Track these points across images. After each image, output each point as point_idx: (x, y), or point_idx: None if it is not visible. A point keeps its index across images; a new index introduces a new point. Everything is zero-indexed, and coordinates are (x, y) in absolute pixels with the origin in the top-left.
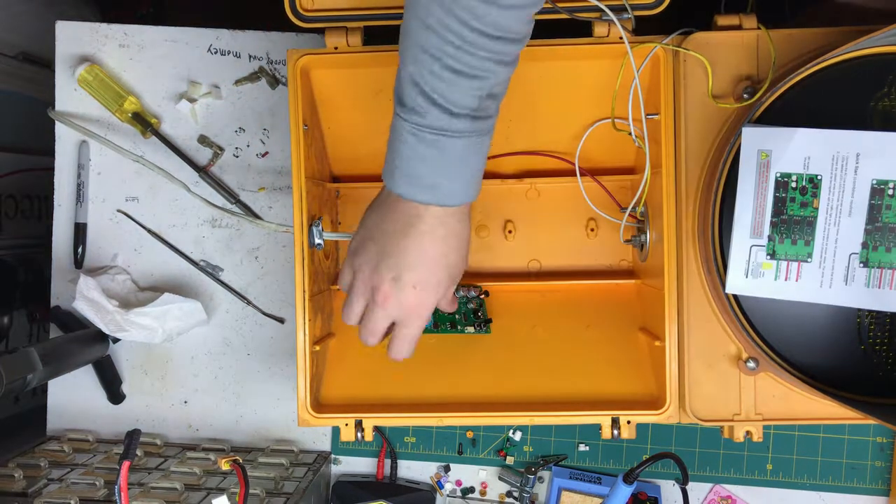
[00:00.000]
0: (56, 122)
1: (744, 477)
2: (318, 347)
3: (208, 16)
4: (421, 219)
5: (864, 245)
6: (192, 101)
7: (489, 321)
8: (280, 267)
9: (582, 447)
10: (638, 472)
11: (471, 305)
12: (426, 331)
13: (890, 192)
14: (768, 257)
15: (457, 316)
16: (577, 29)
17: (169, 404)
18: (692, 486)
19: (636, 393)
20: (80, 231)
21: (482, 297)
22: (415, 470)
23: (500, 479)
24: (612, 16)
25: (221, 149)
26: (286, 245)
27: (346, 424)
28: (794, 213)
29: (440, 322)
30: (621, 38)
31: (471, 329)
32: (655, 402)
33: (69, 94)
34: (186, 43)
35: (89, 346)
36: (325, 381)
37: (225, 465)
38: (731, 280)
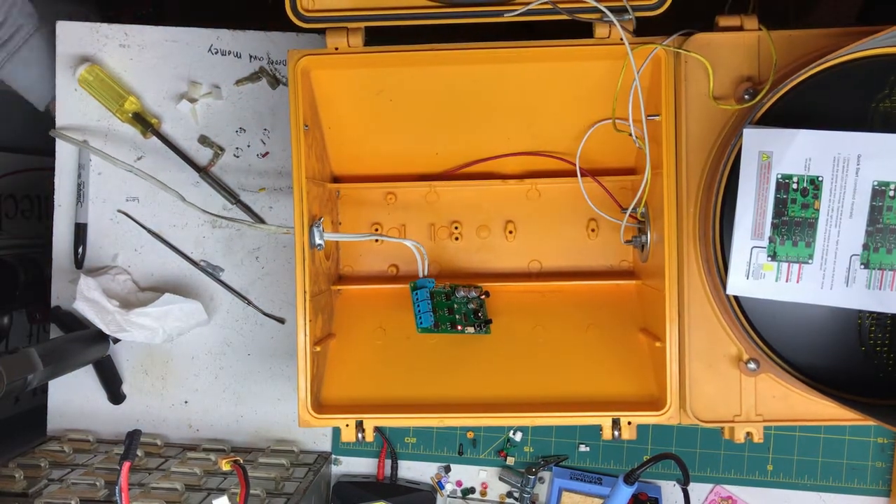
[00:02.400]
0: (56, 121)
1: (744, 477)
2: (318, 348)
3: (208, 16)
4: None
5: (865, 246)
6: (192, 101)
7: (489, 321)
8: (281, 267)
9: (582, 448)
10: (639, 472)
11: (471, 306)
12: (426, 330)
13: (891, 193)
14: (769, 259)
15: (457, 316)
16: (578, 30)
17: (169, 404)
18: (693, 487)
19: (637, 394)
20: (80, 231)
21: (482, 297)
22: (415, 470)
23: (500, 479)
24: (611, 17)
25: (222, 149)
26: (287, 245)
27: (347, 425)
28: (794, 214)
29: (441, 322)
30: (622, 39)
31: (471, 329)
32: (656, 403)
33: (69, 94)
34: (187, 43)
35: (90, 346)
36: (325, 382)
37: (225, 466)
38: (732, 281)
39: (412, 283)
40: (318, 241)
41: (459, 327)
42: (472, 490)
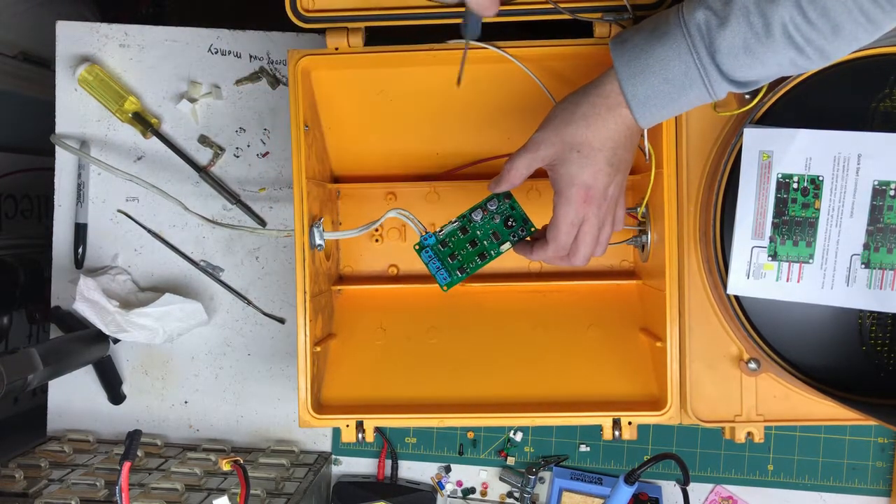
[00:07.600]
0: (56, 123)
1: (745, 477)
2: (318, 348)
3: (208, 16)
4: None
5: (866, 246)
6: (192, 100)
7: (527, 220)
8: (281, 267)
9: (583, 448)
10: (639, 472)
11: (496, 220)
12: (451, 284)
13: (891, 192)
14: (770, 258)
15: (485, 242)
16: (579, 29)
17: (169, 405)
18: (693, 487)
19: (637, 394)
20: (80, 231)
21: (508, 201)
22: (415, 470)
23: (500, 479)
24: (597, 28)
25: (222, 149)
26: (287, 246)
27: (347, 425)
28: (795, 214)
29: (466, 264)
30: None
31: (507, 245)
32: (656, 403)
33: (69, 94)
34: (187, 43)
35: (90, 346)
36: (325, 382)
37: (226, 466)
38: (733, 281)
39: (416, 245)
40: (318, 241)
41: (493, 252)
42: (472, 490)
